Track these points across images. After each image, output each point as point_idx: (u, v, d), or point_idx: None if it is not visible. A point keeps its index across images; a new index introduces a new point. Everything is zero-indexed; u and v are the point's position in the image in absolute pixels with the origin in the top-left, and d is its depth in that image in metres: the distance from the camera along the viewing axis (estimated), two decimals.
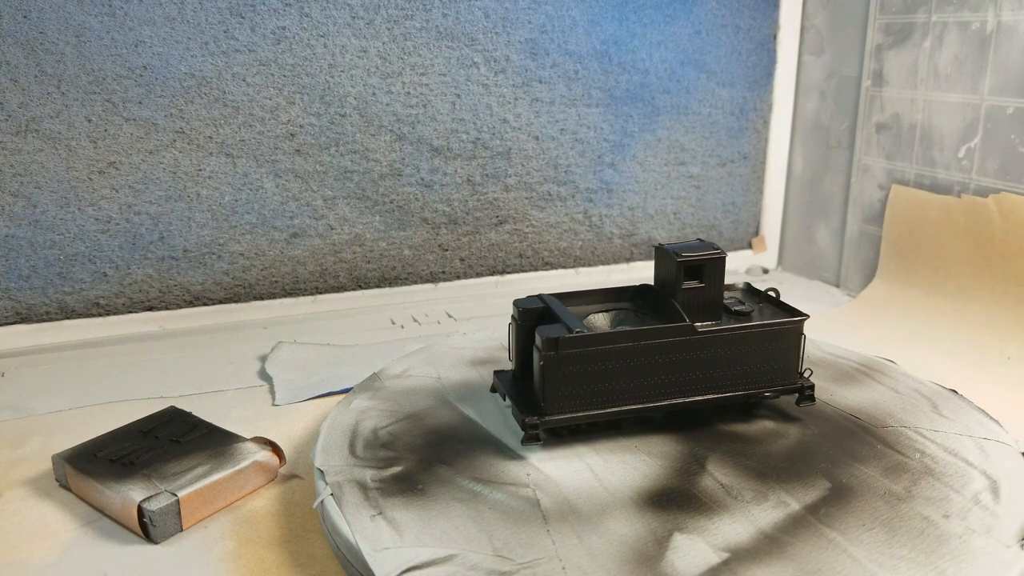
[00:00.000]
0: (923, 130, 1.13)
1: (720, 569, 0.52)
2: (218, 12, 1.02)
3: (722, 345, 0.70)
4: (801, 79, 1.33)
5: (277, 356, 0.96)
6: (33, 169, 0.99)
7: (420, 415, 0.74)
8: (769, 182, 1.38)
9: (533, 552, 0.54)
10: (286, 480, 0.69)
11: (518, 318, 0.71)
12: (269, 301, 1.14)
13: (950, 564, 0.53)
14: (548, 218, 1.26)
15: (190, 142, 1.05)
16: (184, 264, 1.08)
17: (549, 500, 0.60)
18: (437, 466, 0.65)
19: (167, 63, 1.01)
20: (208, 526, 0.63)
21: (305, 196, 1.12)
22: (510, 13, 1.15)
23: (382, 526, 0.57)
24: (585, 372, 0.67)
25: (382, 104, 1.12)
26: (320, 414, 0.82)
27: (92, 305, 1.06)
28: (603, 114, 1.24)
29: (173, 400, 0.84)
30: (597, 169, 1.26)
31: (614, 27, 1.21)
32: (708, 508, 0.59)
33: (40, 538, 0.61)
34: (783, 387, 0.73)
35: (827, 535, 0.56)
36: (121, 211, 1.04)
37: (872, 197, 1.21)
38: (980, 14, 1.03)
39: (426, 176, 1.17)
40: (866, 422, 0.73)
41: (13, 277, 1.01)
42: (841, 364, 0.86)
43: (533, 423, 0.66)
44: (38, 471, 0.71)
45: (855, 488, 0.62)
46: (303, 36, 1.06)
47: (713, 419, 0.72)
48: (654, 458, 0.66)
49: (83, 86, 0.98)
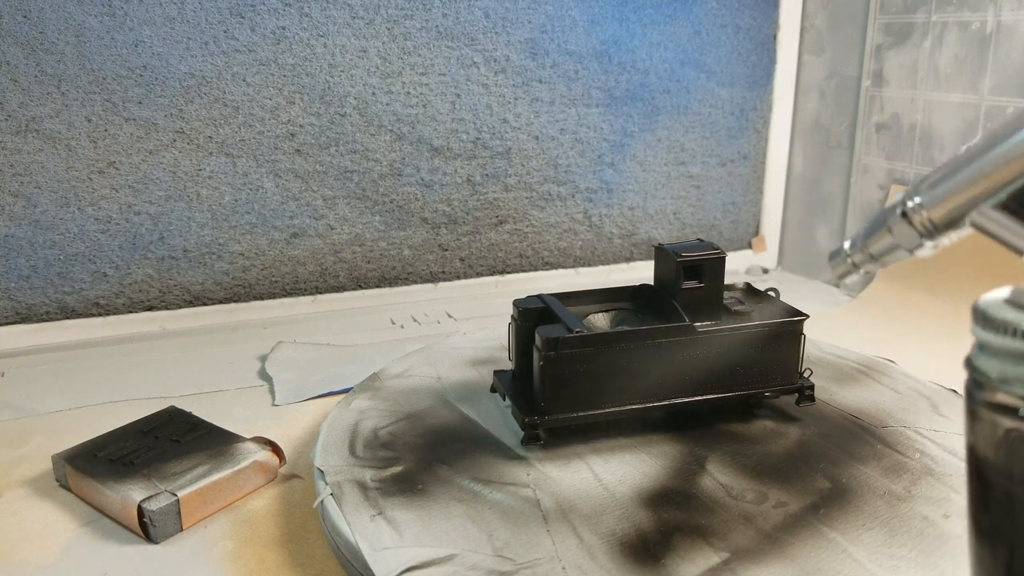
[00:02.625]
0: (923, 130, 1.13)
1: (720, 569, 0.53)
2: (218, 12, 1.02)
3: (722, 345, 0.70)
4: (801, 79, 1.33)
5: (277, 356, 0.96)
6: (33, 169, 0.99)
7: (420, 415, 0.74)
8: (769, 182, 1.38)
9: (533, 552, 0.54)
10: (286, 480, 0.69)
11: (518, 318, 0.71)
12: (269, 301, 1.14)
13: (950, 564, 0.53)
14: (548, 218, 1.26)
15: (190, 142, 1.05)
16: (184, 264, 1.08)
17: (549, 500, 0.60)
18: (437, 466, 0.65)
19: (167, 63, 1.01)
20: (208, 526, 0.63)
21: (305, 196, 1.12)
22: (510, 13, 1.15)
23: (382, 526, 0.57)
24: (585, 372, 0.67)
25: (382, 104, 1.12)
26: (320, 414, 0.82)
27: (92, 305, 1.06)
28: (603, 114, 1.24)
29: (173, 400, 0.84)
30: (597, 169, 1.26)
31: (614, 27, 1.21)
32: (708, 508, 0.59)
33: (40, 538, 0.61)
34: (783, 387, 0.73)
35: (827, 535, 0.56)
36: (121, 211, 1.04)
37: (872, 197, 1.21)
38: (980, 14, 1.03)
39: (426, 176, 1.17)
40: (866, 422, 0.73)
41: (13, 277, 1.01)
42: (841, 364, 0.86)
43: (533, 423, 0.66)
44: (38, 471, 0.71)
45: (855, 488, 0.62)
46: (303, 36, 1.06)
47: (713, 419, 0.72)
48: (654, 458, 0.66)
49: (83, 86, 0.98)
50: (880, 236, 0.49)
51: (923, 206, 0.45)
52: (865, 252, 0.51)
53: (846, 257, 0.54)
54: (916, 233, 0.46)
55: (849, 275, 0.55)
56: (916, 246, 0.47)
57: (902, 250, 0.48)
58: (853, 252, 0.53)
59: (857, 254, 0.52)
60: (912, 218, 0.46)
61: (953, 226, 0.45)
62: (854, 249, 0.53)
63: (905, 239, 0.47)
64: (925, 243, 0.46)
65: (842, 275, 0.55)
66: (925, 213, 0.45)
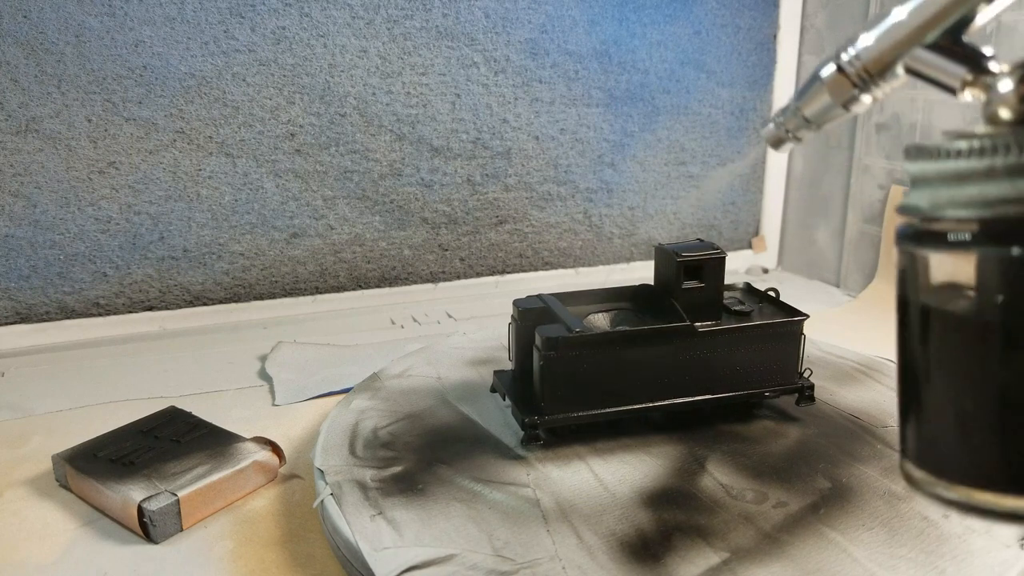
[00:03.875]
0: (923, 130, 1.13)
1: (720, 569, 0.53)
2: (218, 12, 1.02)
3: (722, 345, 0.70)
4: (801, 79, 1.33)
5: (277, 356, 0.96)
6: (33, 169, 0.99)
7: (420, 415, 0.74)
8: (769, 182, 1.38)
9: (533, 552, 0.54)
10: (286, 480, 0.69)
11: (518, 318, 0.71)
12: (269, 301, 1.14)
13: (950, 564, 0.53)
14: (548, 218, 1.26)
15: (190, 142, 1.05)
16: (184, 264, 1.08)
17: (549, 500, 0.60)
18: (437, 466, 0.65)
19: (167, 63, 1.01)
20: (208, 526, 0.63)
21: (305, 196, 1.12)
22: (510, 13, 1.15)
23: (382, 526, 0.57)
24: (585, 372, 0.67)
25: (382, 104, 1.12)
26: (320, 414, 0.82)
27: (92, 305, 1.06)
28: (603, 114, 1.24)
29: (173, 400, 0.84)
30: (597, 169, 1.26)
31: (614, 27, 1.21)
32: (708, 508, 0.59)
33: (40, 538, 0.61)
34: (783, 387, 0.73)
35: (827, 535, 0.56)
36: (121, 211, 1.04)
37: (872, 197, 1.21)
38: None
39: (426, 176, 1.17)
40: (866, 422, 0.73)
41: (13, 277, 1.01)
42: (841, 364, 0.86)
43: (533, 423, 0.66)
44: (38, 471, 0.71)
45: (855, 488, 0.62)
46: (303, 36, 1.06)
47: (713, 419, 0.72)
48: (654, 458, 0.66)
49: (83, 86, 0.98)
50: (814, 97, 0.51)
51: (858, 57, 0.47)
52: (799, 116, 0.53)
53: (780, 125, 0.55)
54: (851, 85, 0.48)
55: (784, 143, 0.56)
56: (851, 100, 0.49)
57: (837, 108, 0.50)
58: (787, 118, 0.54)
59: (791, 119, 0.54)
60: (847, 70, 0.48)
61: (887, 74, 0.47)
62: (787, 115, 0.54)
63: (840, 94, 0.49)
64: (861, 97, 0.48)
65: (776, 143, 0.56)
66: (860, 63, 0.47)
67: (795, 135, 0.55)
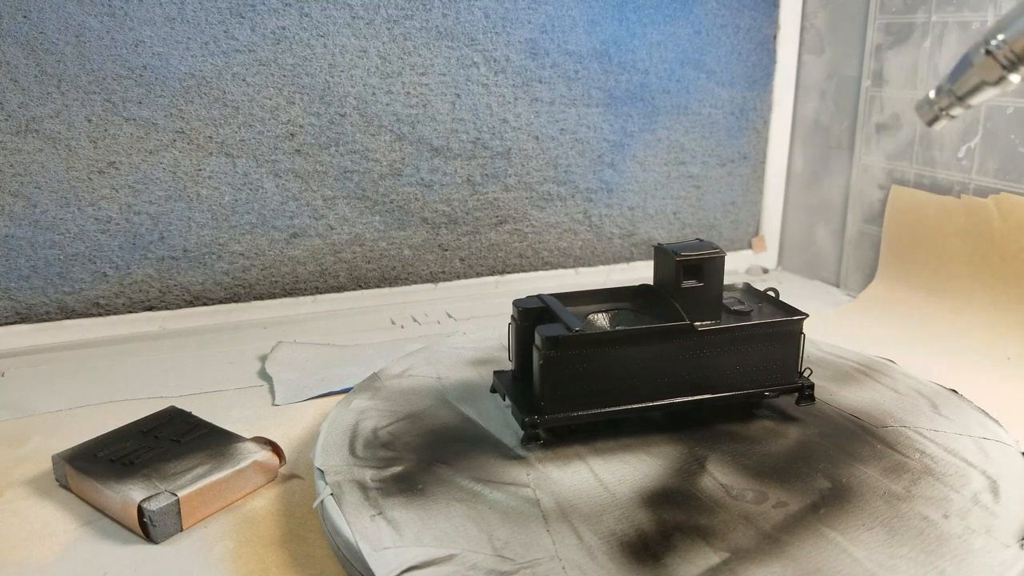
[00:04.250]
0: (923, 130, 1.13)
1: (720, 569, 0.53)
2: (218, 12, 1.02)
3: (722, 345, 0.70)
4: (801, 79, 1.33)
5: (277, 356, 0.96)
6: (33, 169, 0.99)
7: (420, 415, 0.74)
8: (769, 182, 1.38)
9: (533, 552, 0.54)
10: (286, 480, 0.69)
11: (518, 318, 0.71)
12: (269, 301, 1.14)
13: (950, 564, 0.53)
14: (548, 218, 1.26)
15: (190, 142, 1.05)
16: (184, 264, 1.08)
17: (549, 500, 0.60)
18: (437, 466, 0.65)
19: (167, 63, 1.01)
20: (208, 526, 0.63)
21: (305, 196, 1.12)
22: (510, 13, 1.15)
23: (382, 526, 0.57)
24: (585, 372, 0.67)
25: (382, 104, 1.12)
26: (320, 414, 0.82)
27: (92, 305, 1.06)
28: (603, 114, 1.24)
29: (173, 400, 0.84)
30: (597, 169, 1.26)
31: (614, 27, 1.21)
32: (708, 508, 0.59)
33: (40, 538, 0.61)
34: (783, 387, 0.73)
35: (827, 535, 0.56)
36: (121, 211, 1.04)
37: (872, 197, 1.21)
38: (980, 14, 1.03)
39: (426, 176, 1.17)
40: (866, 422, 0.73)
41: (13, 277, 1.01)
42: (841, 364, 0.86)
43: (533, 423, 0.66)
44: (38, 471, 0.71)
45: (855, 488, 0.62)
46: (303, 36, 1.06)
47: (713, 419, 0.72)
48: (654, 458, 0.66)
49: (83, 86, 0.98)
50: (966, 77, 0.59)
51: (1006, 41, 0.54)
52: (952, 95, 0.60)
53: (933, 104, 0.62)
54: (999, 66, 0.55)
55: (937, 120, 0.63)
56: (1000, 79, 0.56)
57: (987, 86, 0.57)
58: (939, 98, 0.62)
59: (944, 99, 0.61)
60: (996, 54, 0.55)
61: None
62: (940, 95, 0.61)
63: (989, 74, 0.56)
64: (1009, 76, 0.56)
65: (931, 121, 0.63)
66: (1007, 47, 0.54)
67: (948, 113, 0.62)
